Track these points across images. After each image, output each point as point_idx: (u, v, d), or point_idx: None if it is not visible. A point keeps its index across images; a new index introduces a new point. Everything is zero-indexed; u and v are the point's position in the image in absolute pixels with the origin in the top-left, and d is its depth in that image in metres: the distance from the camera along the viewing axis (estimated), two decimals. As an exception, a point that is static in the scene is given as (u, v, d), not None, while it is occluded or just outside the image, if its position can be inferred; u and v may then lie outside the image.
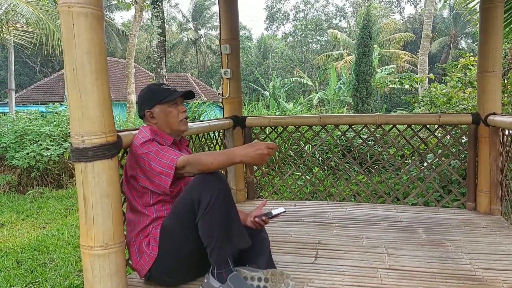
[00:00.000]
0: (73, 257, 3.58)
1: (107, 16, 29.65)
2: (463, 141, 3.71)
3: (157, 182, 1.76)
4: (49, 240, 4.09)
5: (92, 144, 1.58)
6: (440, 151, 3.72)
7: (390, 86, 11.20)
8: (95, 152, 1.58)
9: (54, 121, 7.30)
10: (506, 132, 2.93)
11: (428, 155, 4.52)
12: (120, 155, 2.00)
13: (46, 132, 6.80)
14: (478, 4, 3.22)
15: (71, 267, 3.40)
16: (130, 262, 1.95)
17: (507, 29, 4.95)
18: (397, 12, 37.00)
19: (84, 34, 1.54)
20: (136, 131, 1.92)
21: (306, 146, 5.55)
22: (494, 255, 2.25)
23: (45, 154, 6.44)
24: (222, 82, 3.63)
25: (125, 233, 1.87)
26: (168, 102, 1.92)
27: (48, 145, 6.60)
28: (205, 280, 1.79)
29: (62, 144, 6.72)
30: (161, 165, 1.73)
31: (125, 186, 1.90)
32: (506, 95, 5.81)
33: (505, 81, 5.84)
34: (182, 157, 1.73)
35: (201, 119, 7.54)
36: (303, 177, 4.30)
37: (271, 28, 40.14)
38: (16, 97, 13.71)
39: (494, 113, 3.01)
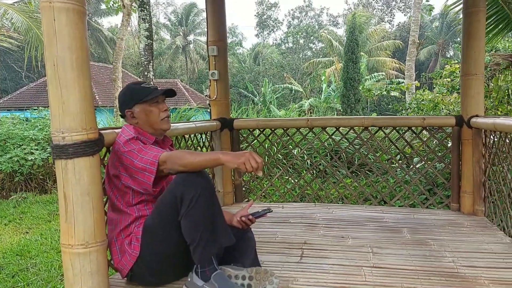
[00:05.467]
0: (57, 262, 3.52)
1: (94, 21, 29.48)
2: (448, 144, 3.76)
3: (140, 179, 1.73)
4: (32, 245, 4.02)
5: (73, 141, 1.56)
6: (425, 154, 3.76)
7: (377, 95, 11.35)
8: (75, 149, 1.56)
9: (39, 125, 7.21)
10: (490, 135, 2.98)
11: (415, 159, 4.56)
12: (103, 153, 1.98)
13: (30, 136, 6.71)
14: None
15: (54, 271, 3.34)
16: (112, 262, 1.92)
17: (490, 35, 5.06)
18: (387, 21, 37.55)
19: (66, 29, 1.52)
20: (119, 130, 1.91)
21: (295, 150, 5.57)
22: (476, 253, 2.27)
23: (29, 159, 6.35)
24: (209, 84, 3.63)
25: (107, 232, 1.85)
26: (148, 101, 1.89)
27: (32, 149, 6.51)
28: (189, 279, 1.77)
29: (47, 149, 6.62)
30: (143, 161, 1.71)
31: (107, 185, 1.88)
32: (490, 100, 5.91)
33: (489, 86, 5.95)
34: (164, 153, 1.72)
35: (189, 123, 7.50)
36: (292, 180, 4.31)
37: (261, 35, 40.37)
38: (0, 103, 13.45)
39: (477, 115, 3.05)
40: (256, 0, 38.72)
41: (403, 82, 16.09)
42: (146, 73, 8.32)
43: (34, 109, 8.66)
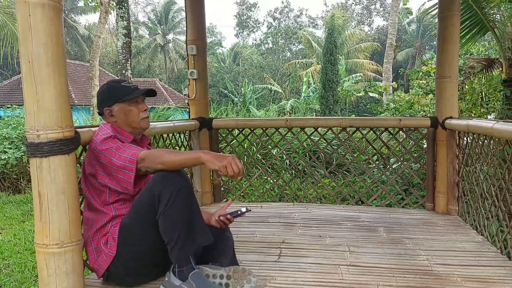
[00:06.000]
0: (30, 263, 3.44)
1: (70, 18, 28.90)
2: (424, 145, 3.85)
3: (120, 177, 1.71)
4: (5, 245, 3.92)
5: (48, 139, 1.53)
6: (401, 154, 3.84)
7: (356, 95, 11.53)
8: (51, 147, 1.53)
9: (13, 123, 7.01)
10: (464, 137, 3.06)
11: (391, 159, 4.65)
12: (79, 151, 1.95)
13: (4, 135, 6.52)
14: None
15: (27, 272, 3.26)
16: (88, 262, 1.89)
17: (464, 39, 5.20)
18: (366, 24, 38.13)
19: (41, 25, 1.49)
20: (96, 128, 1.88)
21: (274, 150, 5.59)
22: (449, 252, 2.33)
23: (2, 158, 6.17)
24: (188, 83, 3.61)
25: (82, 232, 1.81)
26: (128, 100, 1.87)
27: (5, 148, 6.33)
28: (166, 279, 1.76)
29: (21, 147, 6.45)
30: (122, 159, 1.69)
31: (83, 184, 1.84)
32: (464, 102, 6.08)
33: (463, 88, 6.11)
34: (143, 151, 1.70)
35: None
36: (270, 180, 4.33)
37: (241, 35, 40.34)
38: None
39: (451, 117, 3.13)
40: (236, 1, 38.70)
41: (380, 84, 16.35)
42: (124, 71, 8.17)
43: (8, 107, 8.43)
